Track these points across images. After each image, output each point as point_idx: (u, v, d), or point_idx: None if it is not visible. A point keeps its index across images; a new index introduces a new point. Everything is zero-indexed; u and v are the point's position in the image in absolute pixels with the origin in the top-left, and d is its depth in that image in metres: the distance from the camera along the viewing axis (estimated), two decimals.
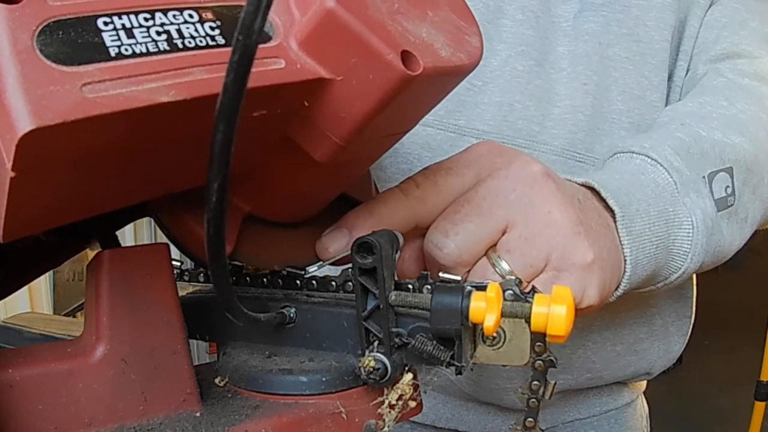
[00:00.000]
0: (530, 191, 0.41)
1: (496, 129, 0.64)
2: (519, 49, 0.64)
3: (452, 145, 0.65)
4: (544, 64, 0.65)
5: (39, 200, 0.25)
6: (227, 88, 0.21)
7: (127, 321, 0.32)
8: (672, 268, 0.53)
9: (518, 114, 0.64)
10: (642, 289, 0.54)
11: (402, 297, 0.34)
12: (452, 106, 0.65)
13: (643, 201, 0.50)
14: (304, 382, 0.35)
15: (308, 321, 0.37)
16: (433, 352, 0.33)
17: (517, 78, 0.64)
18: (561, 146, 0.64)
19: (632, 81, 0.65)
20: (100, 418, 0.31)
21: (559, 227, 0.40)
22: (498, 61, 0.65)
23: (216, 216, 0.24)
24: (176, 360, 0.33)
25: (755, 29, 0.68)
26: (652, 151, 0.53)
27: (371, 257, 0.33)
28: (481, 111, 0.64)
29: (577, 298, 0.41)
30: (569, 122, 0.64)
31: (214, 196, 0.23)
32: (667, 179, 0.52)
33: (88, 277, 0.33)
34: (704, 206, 0.53)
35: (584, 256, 0.41)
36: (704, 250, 0.53)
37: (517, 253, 0.40)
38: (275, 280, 0.40)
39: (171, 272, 0.34)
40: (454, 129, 0.65)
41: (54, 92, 0.21)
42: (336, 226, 0.39)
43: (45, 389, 0.31)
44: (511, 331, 0.35)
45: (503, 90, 0.64)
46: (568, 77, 0.65)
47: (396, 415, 0.36)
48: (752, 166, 0.58)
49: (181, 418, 0.33)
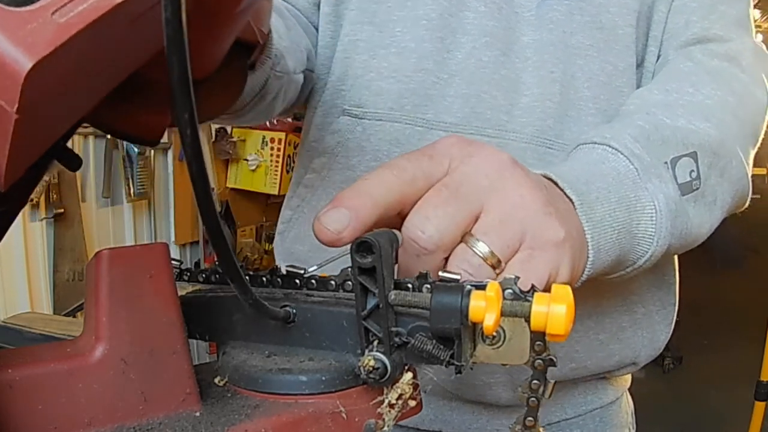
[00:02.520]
0: (501, 177, 0.42)
1: (464, 121, 0.65)
2: (483, 41, 0.65)
3: (420, 138, 0.65)
4: (510, 54, 0.66)
5: (36, 135, 0.27)
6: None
7: (126, 321, 0.32)
8: (638, 253, 0.54)
9: (486, 105, 0.65)
10: (611, 274, 0.55)
11: (401, 296, 0.34)
12: (419, 101, 0.66)
13: (603, 189, 0.51)
14: (303, 382, 0.35)
15: (308, 320, 0.37)
16: (432, 352, 0.33)
17: (482, 69, 0.65)
18: (531, 134, 0.65)
19: (597, 68, 0.66)
20: (99, 418, 0.31)
21: (531, 208, 0.42)
22: (463, 54, 0.65)
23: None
24: (176, 360, 0.33)
25: (724, 12, 0.68)
26: (613, 141, 0.54)
27: (371, 256, 0.33)
28: (449, 104, 0.65)
29: (552, 276, 0.42)
30: (538, 110, 0.65)
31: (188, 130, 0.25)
32: (627, 166, 0.53)
33: (88, 277, 0.33)
34: (667, 191, 0.54)
35: (556, 234, 0.43)
36: (670, 234, 0.54)
37: (494, 234, 0.41)
38: (275, 279, 0.40)
39: (171, 272, 0.34)
40: (422, 123, 0.65)
41: (33, 29, 0.23)
42: (332, 205, 0.39)
43: (45, 389, 0.31)
44: (511, 330, 0.35)
45: (469, 82, 0.65)
46: (534, 66, 0.66)
47: (396, 414, 0.36)
48: (718, 150, 0.59)
49: (180, 417, 0.33)
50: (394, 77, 0.67)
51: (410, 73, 0.66)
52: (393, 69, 0.67)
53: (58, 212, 2.28)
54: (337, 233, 0.38)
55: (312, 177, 0.72)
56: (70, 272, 2.28)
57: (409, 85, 0.66)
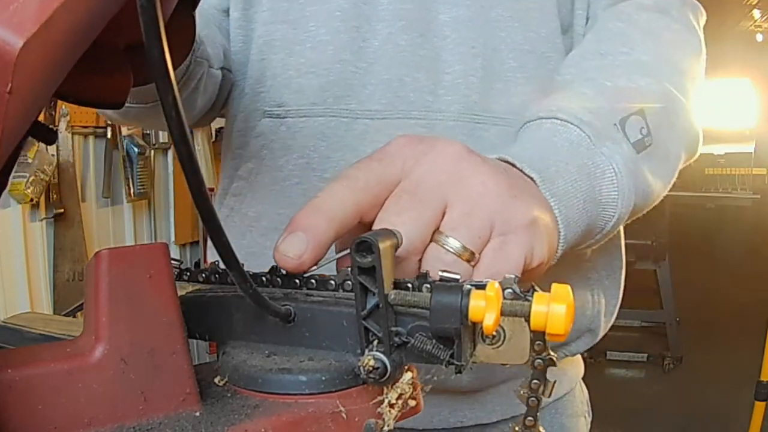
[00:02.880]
0: (459, 168, 0.42)
1: (389, 106, 0.65)
2: (399, 25, 0.65)
3: (347, 129, 0.65)
4: (428, 35, 0.66)
5: (24, 113, 0.27)
6: None
7: (126, 321, 0.32)
8: (605, 218, 0.54)
9: (409, 88, 0.65)
10: (582, 245, 0.55)
11: (401, 296, 0.34)
12: (340, 92, 0.66)
13: (561, 161, 0.50)
14: (303, 382, 0.35)
15: (307, 320, 0.37)
16: (432, 351, 0.33)
17: (401, 53, 0.65)
18: (457, 111, 0.65)
19: (520, 37, 0.67)
20: (99, 418, 0.31)
21: (495, 194, 0.42)
22: (379, 40, 0.66)
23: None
24: (176, 360, 0.33)
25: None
26: (560, 112, 0.55)
27: (370, 256, 0.33)
28: (371, 92, 0.65)
29: (528, 258, 0.42)
30: (462, 86, 0.65)
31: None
32: (579, 135, 0.53)
33: (88, 277, 0.33)
34: (622, 151, 0.54)
35: (525, 216, 0.42)
36: (632, 193, 0.54)
37: (463, 228, 0.40)
38: (274, 279, 0.40)
39: (170, 272, 0.34)
40: (346, 114, 0.65)
41: (17, 9, 0.24)
42: (288, 230, 0.39)
43: (45, 389, 0.31)
44: (511, 329, 0.35)
45: (389, 67, 0.65)
46: (454, 43, 0.66)
47: (396, 414, 0.36)
48: (664, 103, 0.60)
49: (180, 417, 0.33)
50: (313, 72, 0.67)
51: (329, 65, 0.66)
52: (311, 64, 0.67)
53: (58, 212, 2.28)
54: (298, 258, 0.38)
55: (239, 185, 0.71)
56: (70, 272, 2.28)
57: (329, 77, 0.66)
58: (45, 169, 2.14)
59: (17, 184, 2.04)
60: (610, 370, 3.81)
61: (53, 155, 2.22)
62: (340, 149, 0.66)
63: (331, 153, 0.66)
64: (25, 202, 2.10)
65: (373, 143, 0.64)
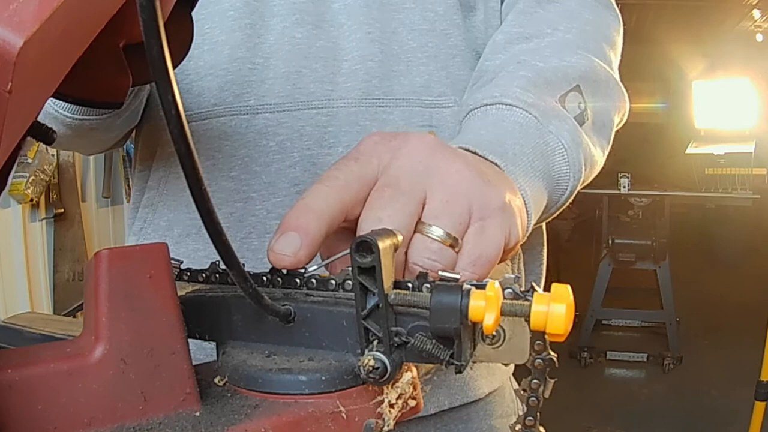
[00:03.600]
0: (434, 160, 0.44)
1: (289, 99, 0.65)
2: (293, 18, 0.66)
3: (247, 126, 0.66)
4: (323, 25, 0.67)
5: (24, 112, 0.27)
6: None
7: (126, 321, 0.32)
8: (559, 191, 0.56)
9: (308, 79, 0.65)
10: (542, 221, 0.58)
11: (401, 296, 0.34)
12: (238, 90, 0.66)
13: (516, 144, 0.53)
14: (303, 382, 0.35)
15: (307, 320, 0.37)
16: (432, 351, 0.33)
17: (298, 46, 0.66)
18: (357, 97, 0.66)
19: (418, 17, 0.68)
20: (99, 418, 0.31)
21: (470, 181, 0.43)
22: (274, 35, 0.66)
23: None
24: (175, 360, 0.33)
25: None
26: (504, 98, 0.56)
27: (370, 256, 0.33)
28: (269, 86, 0.66)
29: (507, 239, 0.44)
30: (360, 72, 0.66)
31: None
32: (526, 117, 0.55)
33: (88, 277, 0.33)
34: (568, 127, 0.57)
35: (499, 199, 0.44)
36: (581, 165, 0.57)
37: (445, 216, 0.42)
38: (275, 279, 0.40)
39: (170, 272, 0.34)
40: (246, 110, 0.66)
41: (17, 8, 0.24)
42: (280, 231, 0.40)
43: (45, 389, 0.31)
44: (511, 329, 0.35)
45: (286, 60, 0.66)
46: (350, 30, 0.66)
47: (396, 413, 0.36)
48: (595, 76, 0.62)
49: (180, 417, 0.33)
50: (211, 74, 0.67)
51: (226, 65, 0.67)
52: (209, 66, 0.67)
53: (58, 212, 2.28)
54: (294, 255, 0.39)
55: (151, 195, 0.71)
56: (70, 272, 2.28)
57: (227, 77, 0.67)
58: (45, 169, 2.14)
59: (17, 184, 2.04)
60: (610, 370, 3.82)
61: (53, 155, 2.22)
62: (243, 146, 0.66)
63: (235, 151, 0.66)
64: (25, 202, 2.10)
65: (276, 136, 0.65)
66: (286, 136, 0.65)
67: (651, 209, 4.02)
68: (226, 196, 0.66)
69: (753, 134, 4.08)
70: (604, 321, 4.12)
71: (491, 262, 0.43)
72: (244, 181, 0.65)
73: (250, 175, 0.65)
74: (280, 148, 0.65)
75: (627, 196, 3.99)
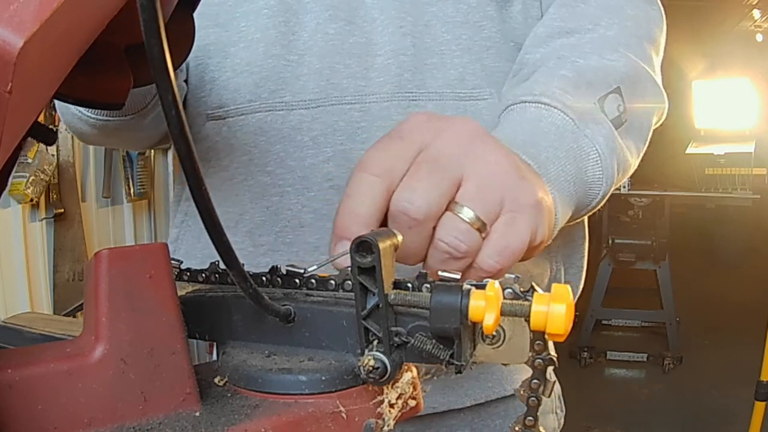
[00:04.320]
0: (475, 146, 0.44)
1: (323, 94, 0.66)
2: (326, 15, 0.67)
3: (283, 122, 0.66)
4: (356, 21, 0.67)
5: (24, 112, 0.27)
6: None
7: (126, 321, 0.32)
8: (591, 196, 0.57)
9: (341, 75, 0.66)
10: (571, 222, 0.57)
11: (401, 296, 0.34)
12: (274, 86, 0.67)
13: (550, 147, 0.53)
14: (303, 382, 0.35)
15: (307, 320, 0.37)
16: (432, 351, 0.33)
17: (331, 42, 0.66)
18: (390, 92, 0.66)
19: (451, 9, 0.68)
20: (99, 417, 0.31)
21: (507, 173, 0.44)
22: (308, 32, 0.67)
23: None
24: (175, 360, 0.33)
25: None
26: (544, 97, 0.57)
27: (370, 256, 0.33)
28: (304, 82, 0.66)
29: (532, 236, 0.45)
30: (393, 66, 0.66)
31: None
32: (564, 119, 0.56)
33: (87, 277, 0.33)
34: (604, 132, 0.57)
35: (532, 196, 0.45)
36: (614, 170, 0.57)
37: (478, 200, 0.43)
38: (275, 279, 0.40)
39: (170, 272, 0.34)
40: (281, 106, 0.67)
41: (17, 9, 0.23)
42: (334, 241, 0.41)
43: (45, 389, 0.31)
44: (511, 329, 0.35)
45: (320, 57, 0.66)
46: (383, 25, 0.67)
47: (396, 413, 0.36)
48: (634, 78, 0.62)
49: (180, 417, 0.33)
50: (247, 71, 0.68)
51: (261, 62, 0.67)
52: (245, 63, 0.68)
53: (58, 212, 2.28)
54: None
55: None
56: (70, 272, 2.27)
57: (262, 74, 0.67)
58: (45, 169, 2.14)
59: (17, 184, 2.04)
60: (610, 370, 3.81)
61: (53, 155, 2.22)
62: (279, 141, 0.67)
63: (270, 146, 0.67)
64: (25, 202, 2.09)
65: (311, 132, 0.66)
66: (320, 131, 0.66)
67: (651, 209, 4.02)
68: (262, 190, 0.67)
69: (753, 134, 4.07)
70: (604, 321, 4.12)
71: (515, 254, 0.43)
72: (280, 176, 0.66)
73: (286, 169, 0.66)
74: (314, 144, 0.66)
75: (627, 196, 3.99)
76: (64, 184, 2.30)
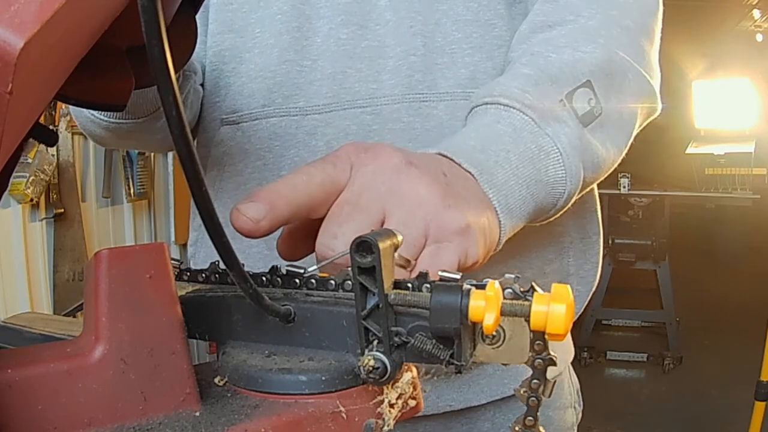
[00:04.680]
0: (397, 181, 0.45)
1: (335, 99, 0.66)
2: (339, 19, 0.67)
3: (297, 127, 0.67)
4: (368, 24, 0.67)
5: (25, 113, 0.27)
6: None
7: (126, 321, 0.32)
8: (555, 195, 0.56)
9: (353, 79, 0.66)
10: (536, 222, 0.57)
11: (401, 296, 0.34)
12: (288, 92, 0.67)
13: (502, 150, 0.53)
14: (303, 382, 0.35)
15: (307, 320, 0.37)
16: (432, 351, 0.33)
17: (343, 47, 0.67)
18: (401, 93, 0.66)
19: (461, 8, 0.67)
20: (99, 418, 0.31)
21: (430, 205, 0.44)
22: (321, 37, 0.67)
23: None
24: (175, 360, 0.33)
25: None
26: (503, 97, 0.56)
27: (370, 256, 0.33)
28: (317, 88, 0.67)
29: (462, 260, 0.45)
30: (403, 68, 0.66)
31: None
32: (523, 119, 0.55)
33: (87, 277, 0.33)
34: (568, 130, 0.55)
35: (458, 223, 0.45)
36: (580, 169, 0.56)
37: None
38: (274, 279, 0.40)
39: (170, 272, 0.34)
40: (295, 111, 0.67)
41: (18, 9, 0.24)
42: (250, 198, 0.42)
43: (45, 389, 0.31)
44: (511, 329, 0.35)
45: (332, 62, 0.67)
46: (395, 26, 0.67)
47: (396, 414, 0.36)
48: (610, 69, 0.60)
49: (180, 417, 0.33)
50: (261, 76, 0.68)
51: (275, 68, 0.68)
52: (259, 69, 0.69)
53: (58, 212, 2.28)
54: (255, 222, 0.41)
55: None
56: (70, 272, 2.27)
57: (276, 79, 0.68)
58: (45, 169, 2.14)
59: (17, 184, 2.04)
60: (610, 370, 3.81)
61: (53, 155, 2.22)
62: (294, 146, 0.67)
63: (285, 151, 0.67)
64: (25, 202, 2.10)
65: (324, 136, 0.66)
66: (333, 135, 0.66)
67: (651, 209, 4.02)
68: None
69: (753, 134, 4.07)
70: (604, 321, 4.12)
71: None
72: None
73: None
74: (328, 148, 0.66)
75: (627, 196, 3.99)
76: (64, 184, 2.30)
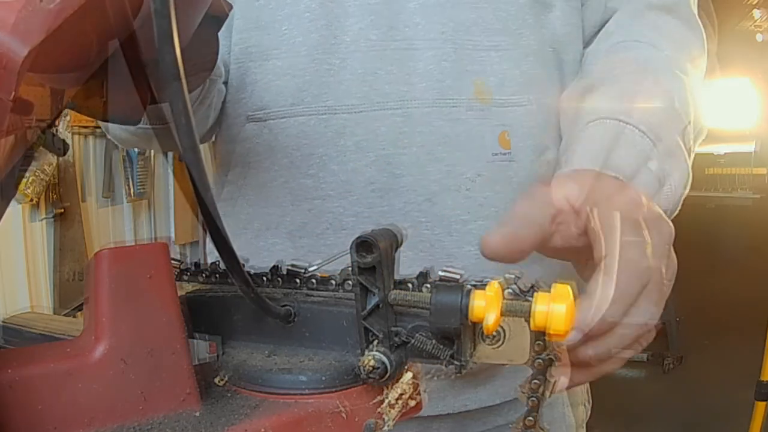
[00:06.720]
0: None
1: (365, 100, 0.66)
2: (369, 20, 0.66)
3: (326, 126, 0.67)
4: (398, 26, 0.67)
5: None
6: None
7: (126, 321, 0.32)
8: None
9: (383, 80, 0.66)
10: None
11: (402, 296, 0.33)
12: (317, 90, 0.67)
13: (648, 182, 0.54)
14: (303, 381, 0.35)
15: (308, 320, 0.37)
16: (432, 351, 0.33)
17: (373, 48, 0.66)
18: (432, 98, 0.66)
19: (491, 17, 0.68)
20: (99, 417, 0.31)
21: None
22: (350, 37, 0.67)
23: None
24: (176, 360, 0.33)
25: None
26: (641, 124, 0.56)
27: (371, 256, 0.33)
28: (346, 87, 0.66)
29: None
30: (435, 72, 0.66)
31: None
32: (652, 149, 0.56)
33: (88, 277, 0.33)
34: (680, 168, 0.57)
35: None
36: (678, 205, 0.58)
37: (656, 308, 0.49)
38: (275, 279, 0.40)
39: (170, 271, 0.34)
40: (324, 110, 0.67)
41: (25, 18, 0.24)
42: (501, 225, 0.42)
43: (45, 389, 0.31)
44: (511, 329, 0.35)
45: (362, 62, 0.66)
46: (425, 30, 0.67)
47: (396, 413, 0.35)
48: (695, 108, 0.62)
49: (180, 417, 0.33)
50: (289, 74, 0.68)
51: (304, 66, 0.68)
52: (287, 66, 0.68)
53: (59, 212, 2.28)
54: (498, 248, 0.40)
55: (230, 189, 0.73)
56: (71, 272, 2.27)
57: (305, 77, 0.67)
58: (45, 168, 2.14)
59: None
60: None
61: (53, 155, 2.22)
62: (322, 145, 0.67)
63: (313, 150, 0.67)
64: (25, 201, 2.10)
65: (353, 136, 0.66)
66: (363, 136, 0.66)
67: None
68: (304, 193, 0.67)
69: (753, 134, 4.07)
70: None
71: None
72: (322, 179, 0.67)
73: (328, 173, 0.67)
74: (357, 148, 0.66)
75: None
76: (64, 183, 2.30)
